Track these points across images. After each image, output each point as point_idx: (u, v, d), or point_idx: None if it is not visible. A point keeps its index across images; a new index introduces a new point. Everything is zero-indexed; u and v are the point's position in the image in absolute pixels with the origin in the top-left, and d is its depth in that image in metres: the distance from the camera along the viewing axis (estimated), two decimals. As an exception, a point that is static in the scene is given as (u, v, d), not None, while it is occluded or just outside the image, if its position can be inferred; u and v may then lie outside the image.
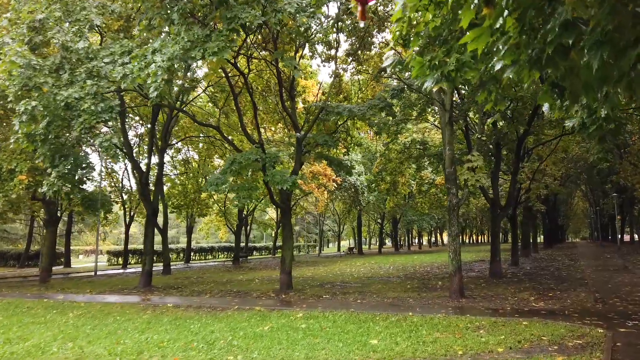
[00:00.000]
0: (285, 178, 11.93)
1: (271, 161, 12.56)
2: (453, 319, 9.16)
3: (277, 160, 12.79)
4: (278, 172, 12.05)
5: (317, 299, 13.13)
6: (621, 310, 9.93)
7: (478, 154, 12.54)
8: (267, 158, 12.55)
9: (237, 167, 12.46)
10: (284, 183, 11.87)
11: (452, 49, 4.43)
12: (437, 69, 4.42)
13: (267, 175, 12.32)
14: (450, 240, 12.89)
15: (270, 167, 12.70)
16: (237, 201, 12.60)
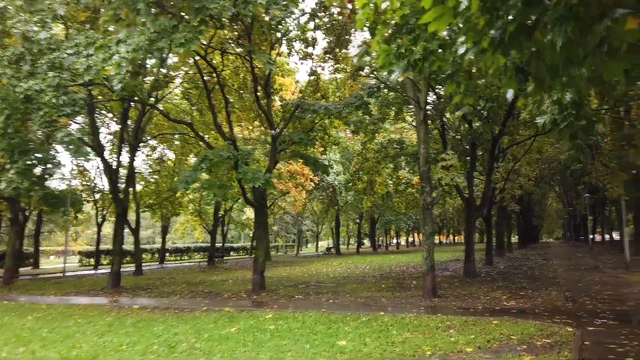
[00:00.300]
0: (257, 176, 11.64)
1: (243, 158, 12.26)
2: (424, 318, 9.03)
3: (249, 158, 12.49)
4: (250, 170, 11.75)
5: (289, 299, 12.88)
6: (590, 309, 9.97)
7: (452, 152, 12.50)
8: (239, 155, 12.23)
9: (208, 165, 12.12)
10: (256, 181, 11.58)
11: (420, 38, 4.26)
12: (403, 58, 4.24)
13: (239, 172, 12.00)
14: (424, 239, 12.80)
15: (243, 164, 12.39)
16: (209, 199, 12.21)
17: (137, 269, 24.48)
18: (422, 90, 12.59)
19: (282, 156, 17.54)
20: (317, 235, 72.29)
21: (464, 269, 18.66)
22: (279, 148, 17.25)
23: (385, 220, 49.49)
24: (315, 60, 21.58)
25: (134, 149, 18.19)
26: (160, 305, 12.23)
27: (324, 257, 44.93)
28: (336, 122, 22.22)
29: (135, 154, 18.30)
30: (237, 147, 12.74)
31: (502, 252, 30.67)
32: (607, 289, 13.40)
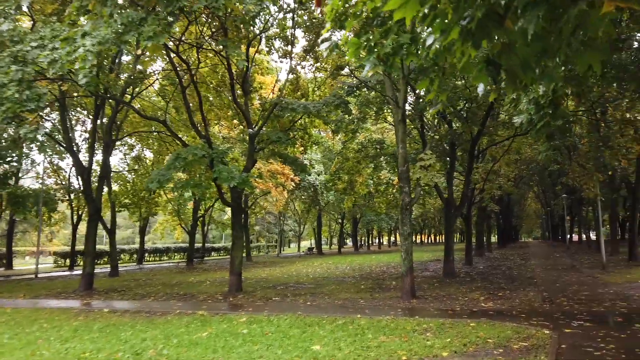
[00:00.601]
0: (232, 175, 11.33)
1: (218, 157, 11.93)
2: (401, 321, 8.87)
3: (224, 156, 12.16)
4: (225, 169, 11.42)
5: (266, 301, 12.61)
6: (567, 310, 9.94)
7: (431, 152, 12.39)
8: (214, 153, 11.90)
9: (182, 163, 11.77)
10: (231, 180, 11.28)
11: (390, 31, 4.05)
12: (373, 52, 4.03)
13: (215, 171, 11.67)
14: (402, 240, 12.67)
15: (219, 163, 12.07)
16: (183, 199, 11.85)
17: (112, 270, 23.85)
18: (401, 89, 12.45)
19: (261, 155, 17.22)
20: (300, 235, 71.95)
21: (444, 270, 18.63)
22: (258, 147, 16.97)
23: (367, 220, 49.46)
24: (295, 58, 21.39)
25: (107, 146, 17.64)
26: (132, 308, 11.84)
27: (306, 257, 44.67)
28: (316, 121, 22.06)
29: (109, 152, 17.74)
30: (211, 146, 12.39)
31: (482, 252, 30.87)
32: (584, 289, 13.47)
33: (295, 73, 21.53)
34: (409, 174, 12.77)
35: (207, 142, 12.45)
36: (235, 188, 14.12)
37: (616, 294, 12.37)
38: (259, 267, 29.66)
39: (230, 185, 11.66)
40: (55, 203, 28.05)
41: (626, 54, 9.73)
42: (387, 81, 12.80)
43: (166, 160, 27.42)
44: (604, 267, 19.05)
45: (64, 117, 16.09)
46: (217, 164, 12.03)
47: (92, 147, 16.97)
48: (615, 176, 24.33)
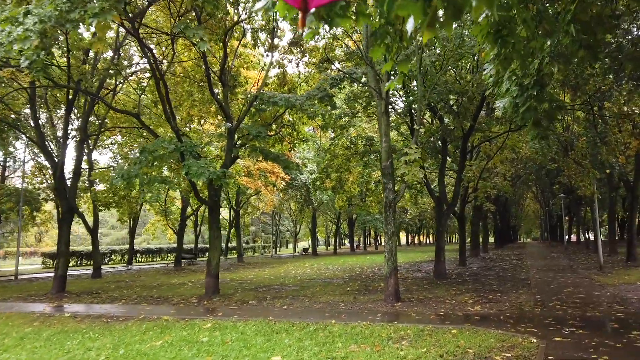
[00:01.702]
0: (202, 170, 10.58)
1: (188, 151, 11.18)
2: (377, 327, 8.13)
3: (194, 150, 11.40)
4: (195, 163, 10.68)
5: (240, 305, 11.86)
6: (560, 315, 9.21)
7: (416, 146, 11.64)
8: (184, 147, 11.16)
9: (151, 158, 11.03)
10: (201, 176, 10.53)
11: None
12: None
13: (184, 166, 10.92)
14: (386, 240, 11.93)
15: (190, 157, 11.32)
16: (147, 197, 11.10)
17: (95, 272, 23.09)
18: (384, 79, 11.71)
19: (242, 151, 16.47)
20: (295, 235, 71.17)
21: (434, 271, 17.91)
22: (239, 143, 16.23)
23: (362, 220, 48.68)
24: (281, 52, 20.67)
25: (82, 142, 16.89)
26: (96, 312, 11.09)
27: (300, 258, 43.93)
28: (304, 117, 21.33)
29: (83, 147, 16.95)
30: (181, 139, 11.64)
31: (477, 252, 30.14)
32: (579, 292, 12.74)
33: (281, 67, 20.85)
34: (392, 170, 12.05)
35: (177, 134, 11.69)
36: (213, 185, 13.42)
37: (613, 297, 11.64)
38: (249, 268, 28.93)
39: (199, 181, 10.91)
40: (38, 202, 27.23)
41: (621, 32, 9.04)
42: (370, 71, 12.07)
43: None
44: (601, 268, 18.33)
45: (34, 110, 15.33)
46: (189, 158, 11.27)
47: (65, 142, 16.21)
48: (613, 174, 23.63)
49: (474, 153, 24.54)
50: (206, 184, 13.63)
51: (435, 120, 20.03)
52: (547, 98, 5.76)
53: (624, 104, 14.64)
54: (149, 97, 21.79)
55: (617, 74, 13.11)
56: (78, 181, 17.40)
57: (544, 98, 5.73)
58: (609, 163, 16.92)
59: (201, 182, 12.20)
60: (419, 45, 13.10)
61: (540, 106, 5.86)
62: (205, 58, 13.37)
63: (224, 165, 14.16)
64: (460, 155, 18.50)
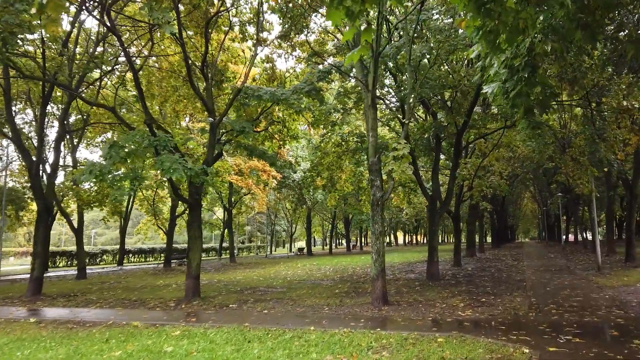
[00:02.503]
0: (176, 166, 9.95)
1: (162, 145, 10.54)
2: (358, 335, 7.51)
3: (169, 144, 10.75)
4: (168, 159, 10.03)
5: (219, 309, 11.24)
6: (555, 321, 8.60)
7: (405, 141, 11.03)
8: (157, 141, 10.51)
9: (123, 153, 10.39)
10: (174, 172, 9.90)
11: None
12: None
13: (157, 161, 10.29)
14: (373, 240, 11.31)
15: (165, 152, 10.67)
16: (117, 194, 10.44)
17: (79, 273, 22.43)
18: (370, 70, 11.10)
19: (226, 148, 15.84)
20: (291, 235, 70.54)
21: (427, 272, 17.30)
22: (223, 139, 15.60)
23: (358, 220, 48.11)
24: (271, 46, 20.04)
25: (59, 139, 16.23)
26: (64, 317, 10.45)
27: (294, 258, 43.31)
28: (295, 114, 20.70)
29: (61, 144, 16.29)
30: (154, 132, 10.99)
31: (473, 252, 29.53)
32: (577, 294, 12.15)
33: (270, 62, 20.23)
34: (380, 166, 11.44)
35: (149, 127, 11.04)
36: (193, 183, 12.79)
37: (612, 300, 11.05)
38: (240, 268, 28.30)
39: (173, 178, 10.28)
40: (23, 201, 26.58)
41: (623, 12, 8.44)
42: (357, 62, 11.45)
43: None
44: (599, 268, 17.75)
45: (8, 104, 14.66)
46: (164, 153, 10.63)
47: (41, 138, 15.54)
48: (611, 172, 23.05)
49: (469, 150, 23.94)
50: (187, 181, 13.02)
51: (429, 117, 19.42)
52: (540, 81, 5.15)
53: (623, 99, 14.04)
54: (133, 92, 21.18)
55: (617, 66, 12.52)
56: (55, 179, 16.74)
57: (536, 81, 5.12)
58: (608, 160, 16.33)
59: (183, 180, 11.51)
60: (409, 37, 12.51)
61: (532, 91, 5.25)
62: (184, 47, 12.71)
63: (206, 162, 13.54)
64: (454, 152, 17.90)
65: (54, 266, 38.92)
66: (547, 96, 5.78)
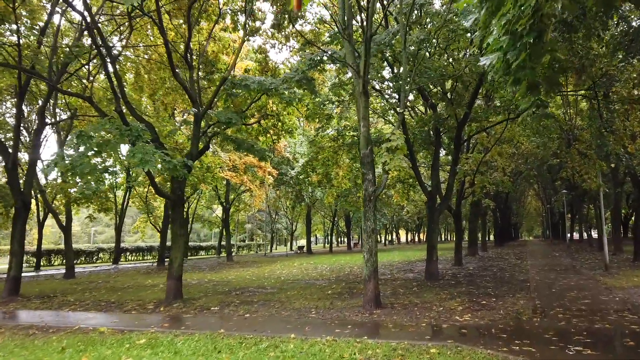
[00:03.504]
0: (149, 158, 9.15)
1: (134, 135, 9.74)
2: (341, 344, 6.71)
3: (143, 135, 9.95)
4: (140, 150, 9.23)
5: (199, 312, 10.46)
6: (563, 327, 7.78)
7: (400, 132, 10.21)
8: (128, 131, 9.72)
9: (94, 144, 9.61)
10: (145, 164, 9.10)
11: None
12: None
13: (128, 153, 9.50)
14: (364, 238, 10.50)
15: (140, 142, 9.88)
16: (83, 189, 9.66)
17: (67, 271, 21.73)
18: (362, 55, 10.27)
19: (213, 140, 15.04)
20: (292, 233, 69.78)
21: (426, 271, 16.48)
22: (211, 131, 14.81)
23: (358, 218, 47.24)
24: (264, 36, 19.24)
25: (38, 132, 15.47)
26: (28, 322, 9.68)
27: (293, 256, 42.55)
28: (290, 108, 19.89)
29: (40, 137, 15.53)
30: (126, 121, 10.18)
31: (475, 250, 28.67)
32: (584, 296, 11.31)
33: (262, 52, 19.43)
34: (373, 158, 10.62)
35: (121, 116, 10.23)
36: (176, 178, 12.00)
37: (623, 303, 10.21)
38: (236, 267, 27.56)
39: (145, 170, 9.49)
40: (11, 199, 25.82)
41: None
42: (347, 46, 10.62)
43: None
44: (607, 268, 16.89)
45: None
46: (140, 145, 9.83)
47: (17, 132, 14.77)
48: (618, 168, 22.15)
49: (470, 145, 23.10)
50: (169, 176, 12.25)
51: (428, 110, 18.57)
52: (547, 49, 4.32)
53: (633, 87, 13.17)
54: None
55: (628, 51, 11.65)
56: (34, 174, 16.00)
57: (543, 50, 4.29)
58: (616, 154, 15.44)
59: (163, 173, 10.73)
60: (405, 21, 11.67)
61: (538, 61, 4.42)
62: (162, 30, 11.90)
63: (190, 155, 12.75)
64: (455, 146, 17.06)
65: (49, 264, 38.34)
66: (555, 71, 4.95)
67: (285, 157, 32.81)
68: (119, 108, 10.38)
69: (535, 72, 4.78)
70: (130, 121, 10.89)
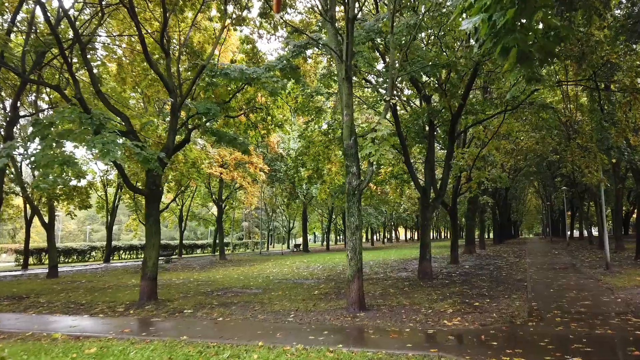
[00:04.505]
0: (109, 148, 8.41)
1: (94, 124, 8.99)
2: (312, 354, 5.98)
3: (103, 124, 9.20)
4: (100, 139, 8.47)
5: (169, 315, 9.73)
6: (560, 333, 7.05)
7: (387, 122, 9.51)
8: (89, 120, 8.96)
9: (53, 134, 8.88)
10: (106, 155, 8.36)
11: None
12: None
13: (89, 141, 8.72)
14: (348, 235, 9.78)
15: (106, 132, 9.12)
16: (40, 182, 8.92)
17: (50, 271, 21.00)
18: (344, 39, 9.52)
19: (184, 131, 14.26)
20: (289, 231, 69.02)
21: (419, 270, 15.77)
22: (191, 123, 14.06)
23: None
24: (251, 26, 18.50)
25: (10, 124, 14.72)
26: (-15, 326, 8.97)
27: (289, 255, 41.86)
28: (280, 101, 19.17)
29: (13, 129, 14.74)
30: (87, 109, 9.42)
31: (472, 248, 27.92)
32: (584, 297, 10.58)
33: (250, 42, 18.69)
34: (357, 149, 9.89)
35: (81, 103, 9.46)
36: (151, 172, 11.27)
37: (626, 304, 9.49)
38: (227, 266, 26.85)
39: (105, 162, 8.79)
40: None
41: None
42: (330, 29, 9.87)
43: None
44: (608, 266, 16.15)
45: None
46: (106, 134, 9.08)
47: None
48: (619, 163, 21.40)
49: (467, 140, 22.36)
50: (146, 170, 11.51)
51: (422, 103, 17.82)
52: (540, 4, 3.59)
53: (636, 76, 12.42)
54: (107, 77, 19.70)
55: (630, 36, 10.89)
56: (5, 169, 15.27)
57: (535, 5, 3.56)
58: (618, 147, 14.69)
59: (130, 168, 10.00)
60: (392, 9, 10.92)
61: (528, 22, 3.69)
62: (134, 15, 11.13)
63: (165, 148, 12.01)
64: (449, 139, 16.30)
65: (40, 263, 37.64)
66: (550, 39, 4.22)
67: (279, 153, 32.04)
68: (79, 94, 9.63)
69: (527, 39, 4.06)
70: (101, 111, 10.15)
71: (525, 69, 4.29)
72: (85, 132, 9.28)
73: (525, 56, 4.12)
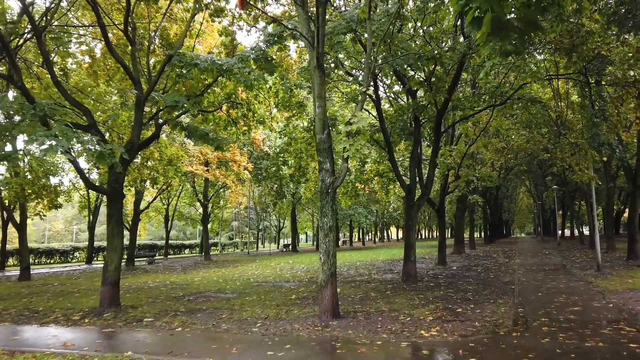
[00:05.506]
0: (54, 141, 7.62)
1: (38, 115, 8.19)
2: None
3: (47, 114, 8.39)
4: (42, 132, 7.66)
5: (126, 325, 8.93)
6: (547, 346, 6.36)
7: (362, 114, 8.77)
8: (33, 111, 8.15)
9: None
10: (49, 150, 7.59)
11: None
12: None
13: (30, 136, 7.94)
14: (321, 237, 9.04)
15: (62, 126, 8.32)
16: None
17: (22, 273, 20.08)
18: (316, 23, 8.78)
19: (150, 126, 13.49)
20: (279, 231, 68.24)
21: (403, 273, 15.06)
22: (162, 118, 13.27)
23: (343, 215, 45.81)
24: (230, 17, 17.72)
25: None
26: None
27: (277, 255, 41.11)
28: (262, 96, 18.39)
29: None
30: (30, 98, 8.61)
31: (461, 248, 27.31)
32: (574, 302, 9.92)
33: (229, 34, 17.91)
34: (330, 144, 9.15)
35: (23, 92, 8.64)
36: (114, 169, 10.47)
37: (618, 310, 8.84)
38: (209, 267, 26.06)
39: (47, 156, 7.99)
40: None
41: None
42: (301, 13, 9.13)
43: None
44: (599, 267, 15.56)
45: None
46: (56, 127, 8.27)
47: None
48: (611, 161, 20.86)
49: (454, 136, 21.70)
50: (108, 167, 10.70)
51: (408, 98, 17.13)
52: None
53: (629, 68, 11.81)
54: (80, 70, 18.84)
55: (622, 25, 10.25)
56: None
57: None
58: (609, 144, 14.08)
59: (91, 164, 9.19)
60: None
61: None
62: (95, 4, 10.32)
63: (130, 143, 11.21)
64: (435, 135, 15.62)
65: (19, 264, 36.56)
66: (531, 8, 3.52)
67: (265, 151, 31.26)
68: (20, 82, 8.81)
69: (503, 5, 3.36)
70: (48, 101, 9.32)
71: (502, 41, 3.58)
72: (33, 125, 8.47)
73: (502, 26, 3.41)
